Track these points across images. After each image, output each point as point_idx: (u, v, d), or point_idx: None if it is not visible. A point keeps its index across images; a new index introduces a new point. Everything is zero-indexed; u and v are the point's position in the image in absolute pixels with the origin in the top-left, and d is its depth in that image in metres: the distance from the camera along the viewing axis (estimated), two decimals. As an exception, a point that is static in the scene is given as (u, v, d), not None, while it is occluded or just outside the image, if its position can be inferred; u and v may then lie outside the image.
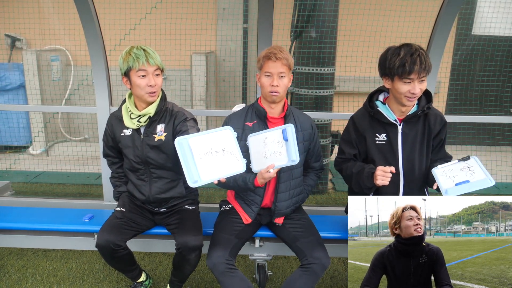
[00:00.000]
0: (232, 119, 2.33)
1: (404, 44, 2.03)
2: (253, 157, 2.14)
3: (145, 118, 2.25)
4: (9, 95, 5.57)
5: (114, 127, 2.36)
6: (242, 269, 2.97)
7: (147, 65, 2.15)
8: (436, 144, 2.25)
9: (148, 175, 2.34)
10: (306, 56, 4.16)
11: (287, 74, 2.21)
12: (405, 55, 1.97)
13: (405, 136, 2.18)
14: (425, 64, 1.97)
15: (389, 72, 2.04)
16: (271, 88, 2.19)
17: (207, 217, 2.67)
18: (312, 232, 2.31)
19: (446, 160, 2.27)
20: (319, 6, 4.10)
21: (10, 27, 5.39)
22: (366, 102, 2.26)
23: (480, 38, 5.46)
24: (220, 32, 5.55)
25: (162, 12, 4.62)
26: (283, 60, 2.16)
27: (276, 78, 2.18)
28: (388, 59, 2.04)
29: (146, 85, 2.17)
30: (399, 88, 2.03)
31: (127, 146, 2.32)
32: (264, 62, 2.20)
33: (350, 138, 2.27)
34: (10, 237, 2.74)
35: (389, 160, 2.19)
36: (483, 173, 1.97)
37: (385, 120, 2.17)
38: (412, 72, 1.96)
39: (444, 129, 2.24)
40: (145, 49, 2.18)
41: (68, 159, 5.13)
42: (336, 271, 3.02)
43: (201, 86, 5.27)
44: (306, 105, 4.26)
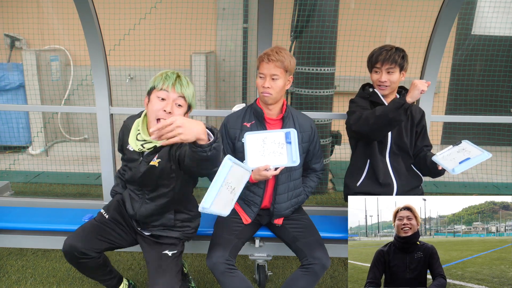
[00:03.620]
0: (230, 119, 2.34)
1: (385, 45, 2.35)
2: (249, 154, 2.13)
3: (150, 146, 2.04)
4: (9, 95, 5.56)
5: (125, 136, 2.17)
6: (242, 269, 2.97)
7: (171, 89, 1.95)
8: (420, 130, 2.46)
9: (143, 195, 2.17)
10: (306, 56, 4.16)
11: (282, 76, 2.17)
12: (378, 49, 2.34)
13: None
14: (391, 57, 2.27)
15: (368, 65, 2.41)
16: (263, 89, 2.19)
17: (207, 217, 2.67)
18: (312, 232, 2.31)
19: (428, 149, 2.46)
20: (319, 6, 4.10)
21: (9, 27, 5.39)
22: (361, 89, 2.53)
23: (480, 38, 5.46)
24: (220, 32, 5.54)
25: (162, 12, 4.61)
26: (276, 62, 2.14)
27: (268, 80, 2.17)
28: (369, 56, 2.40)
29: (160, 108, 1.95)
30: (372, 77, 2.39)
31: (129, 160, 2.16)
32: (259, 63, 2.21)
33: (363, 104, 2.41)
34: (10, 237, 2.74)
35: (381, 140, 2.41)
36: (478, 150, 2.13)
37: (380, 101, 2.37)
38: (377, 61, 2.31)
39: (423, 118, 2.48)
40: (180, 76, 2.01)
41: (67, 159, 5.13)
42: (336, 271, 3.02)
43: (201, 86, 5.27)
44: (306, 105, 4.26)
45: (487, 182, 4.85)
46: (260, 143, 2.13)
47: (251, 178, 2.18)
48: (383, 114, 2.13)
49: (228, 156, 1.68)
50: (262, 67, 2.19)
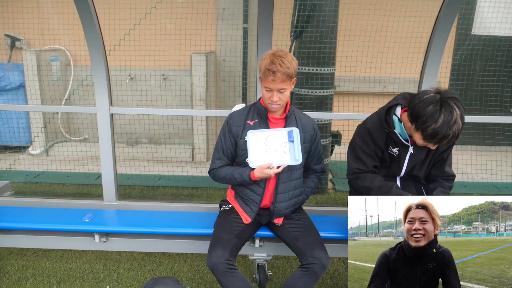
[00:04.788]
0: (234, 116, 2.34)
1: (446, 106, 1.85)
2: (252, 152, 2.15)
3: None
4: (9, 95, 5.56)
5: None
6: (242, 269, 2.97)
7: None
8: (437, 160, 2.25)
9: None
10: (306, 56, 4.16)
11: (288, 85, 2.15)
12: (441, 126, 1.84)
13: (412, 157, 2.21)
14: (455, 139, 1.89)
15: (418, 127, 1.93)
16: (270, 101, 2.17)
17: (207, 217, 2.67)
18: (312, 232, 2.31)
19: (447, 179, 2.28)
20: (319, 6, 4.10)
21: (9, 27, 5.39)
22: (383, 116, 2.15)
23: (480, 38, 5.46)
24: (220, 32, 5.54)
25: (162, 12, 4.62)
26: (282, 77, 2.08)
27: (275, 94, 2.14)
28: (423, 118, 1.88)
29: None
30: (417, 140, 2.00)
31: None
32: (264, 76, 2.13)
33: (370, 150, 2.21)
34: (10, 237, 2.74)
35: (393, 170, 2.25)
36: None
37: (398, 141, 2.16)
38: (438, 143, 1.92)
39: (449, 149, 2.23)
40: None
41: (68, 159, 5.13)
42: (336, 271, 3.02)
43: (201, 86, 5.27)
44: (306, 105, 4.26)
45: (487, 182, 4.84)
46: (263, 141, 2.14)
47: (253, 176, 2.19)
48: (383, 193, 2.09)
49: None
50: (267, 82, 2.12)
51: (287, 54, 2.13)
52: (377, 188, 2.14)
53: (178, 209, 2.98)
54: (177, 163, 5.02)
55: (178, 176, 4.85)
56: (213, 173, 2.39)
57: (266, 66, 2.08)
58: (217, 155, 2.36)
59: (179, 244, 2.76)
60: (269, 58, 2.10)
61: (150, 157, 5.21)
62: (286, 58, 2.09)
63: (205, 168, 4.91)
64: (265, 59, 2.11)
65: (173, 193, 4.48)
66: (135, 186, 4.53)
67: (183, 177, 4.82)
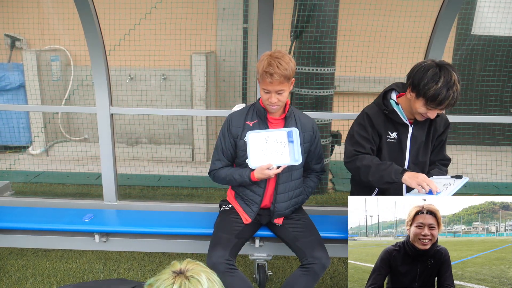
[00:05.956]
0: (233, 117, 2.34)
1: (445, 70, 1.95)
2: (252, 153, 2.15)
3: None
4: (9, 95, 5.56)
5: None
6: (242, 269, 2.97)
7: None
8: (436, 144, 2.30)
9: None
10: (306, 56, 4.16)
11: (287, 87, 2.14)
12: (442, 86, 1.92)
13: (414, 138, 2.22)
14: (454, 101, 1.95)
15: (419, 92, 1.99)
16: (269, 103, 2.16)
17: (207, 217, 2.67)
18: (312, 232, 2.31)
19: (444, 163, 2.33)
20: (319, 6, 4.10)
21: (10, 27, 5.39)
22: (380, 100, 2.22)
23: (480, 38, 5.45)
24: (220, 32, 5.54)
25: (162, 12, 4.61)
26: (280, 79, 2.06)
27: (273, 95, 2.13)
28: (424, 81, 1.96)
29: None
30: (419, 108, 2.04)
31: None
32: (261, 78, 2.12)
33: (368, 134, 2.23)
34: (10, 237, 2.74)
35: (397, 158, 2.23)
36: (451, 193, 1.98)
37: (398, 120, 2.19)
38: (440, 105, 1.97)
39: (446, 131, 2.29)
40: None
41: (68, 159, 5.13)
42: (336, 271, 3.02)
43: (201, 86, 5.27)
44: (306, 105, 4.26)
45: (487, 182, 4.84)
46: (262, 142, 2.14)
47: (253, 177, 2.19)
48: (376, 172, 2.09)
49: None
50: (265, 84, 2.11)
51: (284, 55, 2.10)
52: (376, 166, 2.11)
53: (178, 209, 2.98)
54: (177, 163, 5.03)
55: (178, 176, 4.85)
56: (213, 174, 2.39)
57: (264, 68, 2.07)
58: (217, 156, 2.36)
59: (179, 244, 2.76)
60: (266, 60, 2.08)
61: (150, 157, 5.21)
62: (283, 60, 2.07)
63: (205, 168, 4.91)
64: (262, 61, 2.10)
65: (173, 193, 4.48)
66: (135, 186, 4.53)
67: (183, 177, 4.83)
